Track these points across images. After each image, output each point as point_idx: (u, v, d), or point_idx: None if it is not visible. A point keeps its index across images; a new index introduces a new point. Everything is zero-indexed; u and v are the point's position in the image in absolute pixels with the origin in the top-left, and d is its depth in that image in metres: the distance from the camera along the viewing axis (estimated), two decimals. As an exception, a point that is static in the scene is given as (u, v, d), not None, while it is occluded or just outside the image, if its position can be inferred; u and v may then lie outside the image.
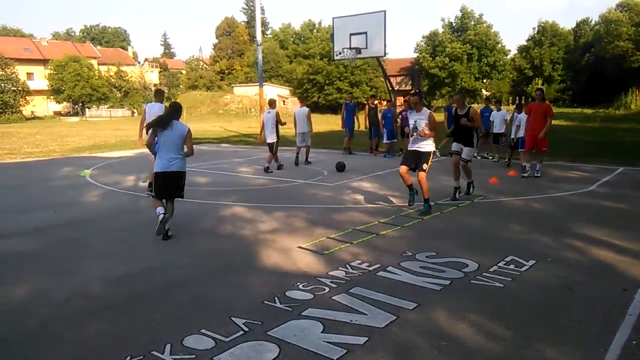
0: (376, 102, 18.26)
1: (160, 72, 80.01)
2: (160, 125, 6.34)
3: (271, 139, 12.11)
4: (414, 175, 7.61)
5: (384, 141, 15.16)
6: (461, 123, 8.31)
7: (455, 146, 8.54)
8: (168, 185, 6.42)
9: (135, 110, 58.32)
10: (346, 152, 15.76)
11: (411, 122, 7.56)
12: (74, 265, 5.39)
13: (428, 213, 7.39)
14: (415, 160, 7.54)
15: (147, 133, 6.63)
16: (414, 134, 7.49)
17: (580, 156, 13.35)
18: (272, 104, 12.63)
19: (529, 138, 10.54)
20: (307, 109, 13.96)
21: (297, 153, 13.43)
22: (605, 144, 16.24)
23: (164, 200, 6.44)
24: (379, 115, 15.66)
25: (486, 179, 10.01)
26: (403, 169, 7.61)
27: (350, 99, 17.09)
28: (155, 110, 9.13)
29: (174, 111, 6.58)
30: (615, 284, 4.57)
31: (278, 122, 12.19)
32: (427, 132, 7.38)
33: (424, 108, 7.63)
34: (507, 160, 12.61)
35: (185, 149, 6.45)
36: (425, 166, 7.44)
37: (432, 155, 7.61)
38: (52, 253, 5.89)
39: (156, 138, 6.38)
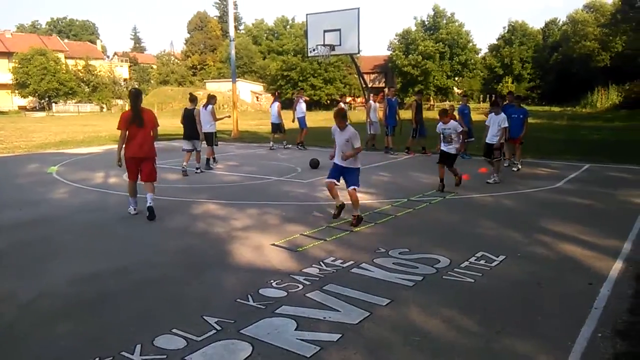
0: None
1: (130, 66, 78.40)
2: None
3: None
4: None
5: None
6: None
7: None
8: None
9: (104, 106, 57.06)
10: (390, 152, 14.61)
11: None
12: (41, 265, 5.24)
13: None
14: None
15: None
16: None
17: (548, 153, 13.67)
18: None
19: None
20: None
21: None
22: (572, 142, 16.68)
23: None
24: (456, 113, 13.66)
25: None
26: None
27: (392, 94, 15.45)
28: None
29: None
30: (581, 279, 4.69)
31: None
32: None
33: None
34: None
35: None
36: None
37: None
38: (18, 252, 5.71)
39: None
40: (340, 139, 6.68)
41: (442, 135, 9.01)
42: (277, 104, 16.40)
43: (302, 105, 16.19)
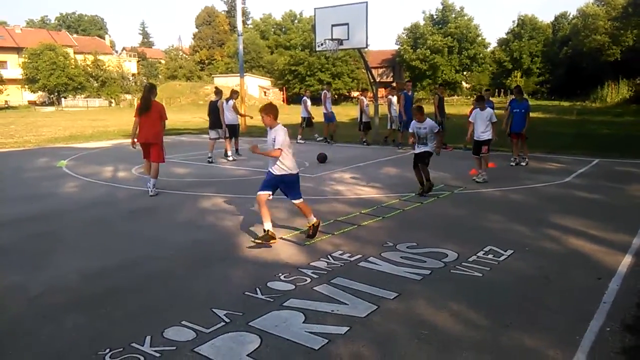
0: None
1: (138, 61, 78.73)
2: None
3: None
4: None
5: None
6: None
7: None
8: None
9: (113, 101, 57.30)
10: (400, 147, 14.32)
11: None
12: (50, 259, 5.30)
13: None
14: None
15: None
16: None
17: (557, 148, 13.57)
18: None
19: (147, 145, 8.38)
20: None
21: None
22: (581, 136, 16.54)
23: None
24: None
25: (466, 169, 10.11)
26: None
27: (408, 88, 15.26)
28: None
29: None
30: (590, 273, 4.67)
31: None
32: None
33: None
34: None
35: None
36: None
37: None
38: (27, 246, 5.78)
39: None
40: (269, 139, 5.67)
41: (416, 135, 8.11)
42: (306, 99, 17.09)
43: (329, 100, 16.63)
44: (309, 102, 16.87)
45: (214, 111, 12.37)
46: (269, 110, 5.59)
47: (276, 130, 5.54)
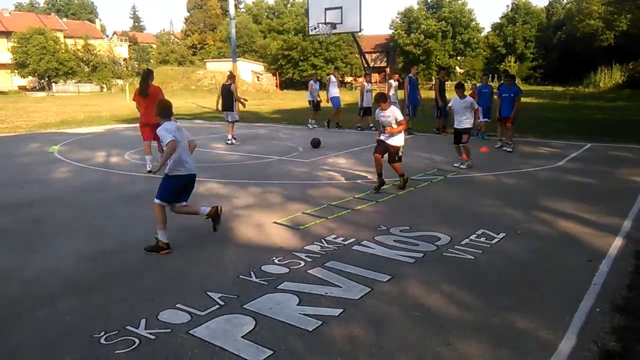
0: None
1: (129, 46, 77.63)
2: None
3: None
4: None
5: (481, 119, 12.04)
6: None
7: None
8: None
9: (104, 86, 56.70)
10: (408, 133, 13.44)
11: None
12: (45, 243, 5.29)
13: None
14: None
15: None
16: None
17: (550, 133, 13.62)
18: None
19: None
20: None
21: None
22: (574, 121, 16.60)
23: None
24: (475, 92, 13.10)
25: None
26: None
27: (414, 71, 15.36)
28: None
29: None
30: (581, 255, 4.73)
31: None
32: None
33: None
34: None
35: None
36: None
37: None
38: (22, 231, 5.76)
39: None
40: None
41: (380, 124, 7.56)
42: (312, 82, 16.83)
43: (333, 85, 16.20)
44: (315, 86, 16.28)
45: (227, 93, 12.38)
46: (155, 108, 5.21)
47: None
